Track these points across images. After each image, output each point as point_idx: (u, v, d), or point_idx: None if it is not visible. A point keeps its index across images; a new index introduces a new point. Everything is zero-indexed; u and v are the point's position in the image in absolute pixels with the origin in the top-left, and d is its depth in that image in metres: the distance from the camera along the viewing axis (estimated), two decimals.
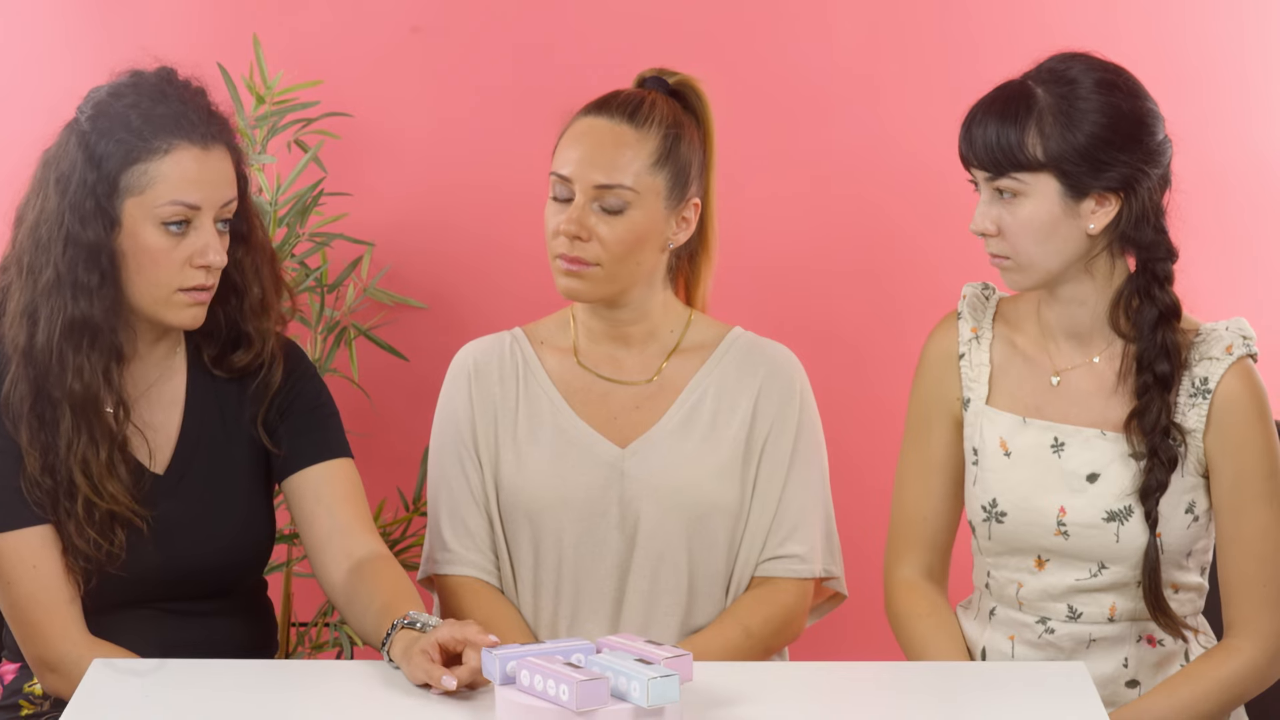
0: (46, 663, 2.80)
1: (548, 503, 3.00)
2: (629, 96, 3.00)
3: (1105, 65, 2.80)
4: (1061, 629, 2.87)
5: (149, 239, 2.76)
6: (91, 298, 2.76)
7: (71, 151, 2.77)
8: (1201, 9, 3.69)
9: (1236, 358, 2.80)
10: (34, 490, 2.78)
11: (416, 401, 3.59)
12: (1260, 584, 2.82)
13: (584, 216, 2.94)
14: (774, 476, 3.02)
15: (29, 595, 2.79)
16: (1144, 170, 2.76)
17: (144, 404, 2.87)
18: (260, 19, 3.68)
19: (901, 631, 2.96)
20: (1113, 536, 2.81)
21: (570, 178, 2.95)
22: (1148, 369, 2.80)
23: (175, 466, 2.87)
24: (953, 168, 3.75)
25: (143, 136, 2.75)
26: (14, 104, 3.69)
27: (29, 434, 2.78)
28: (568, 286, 2.98)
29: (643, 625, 3.00)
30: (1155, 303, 2.80)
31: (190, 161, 2.76)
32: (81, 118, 2.79)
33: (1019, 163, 2.75)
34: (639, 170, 2.95)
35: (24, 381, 2.78)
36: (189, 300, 2.79)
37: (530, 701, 2.43)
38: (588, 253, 2.95)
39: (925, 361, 2.98)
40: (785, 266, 3.75)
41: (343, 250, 3.68)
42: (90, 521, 2.77)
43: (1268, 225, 3.72)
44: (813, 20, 3.71)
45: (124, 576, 2.80)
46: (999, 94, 2.80)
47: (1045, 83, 2.77)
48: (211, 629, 2.89)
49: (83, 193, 2.75)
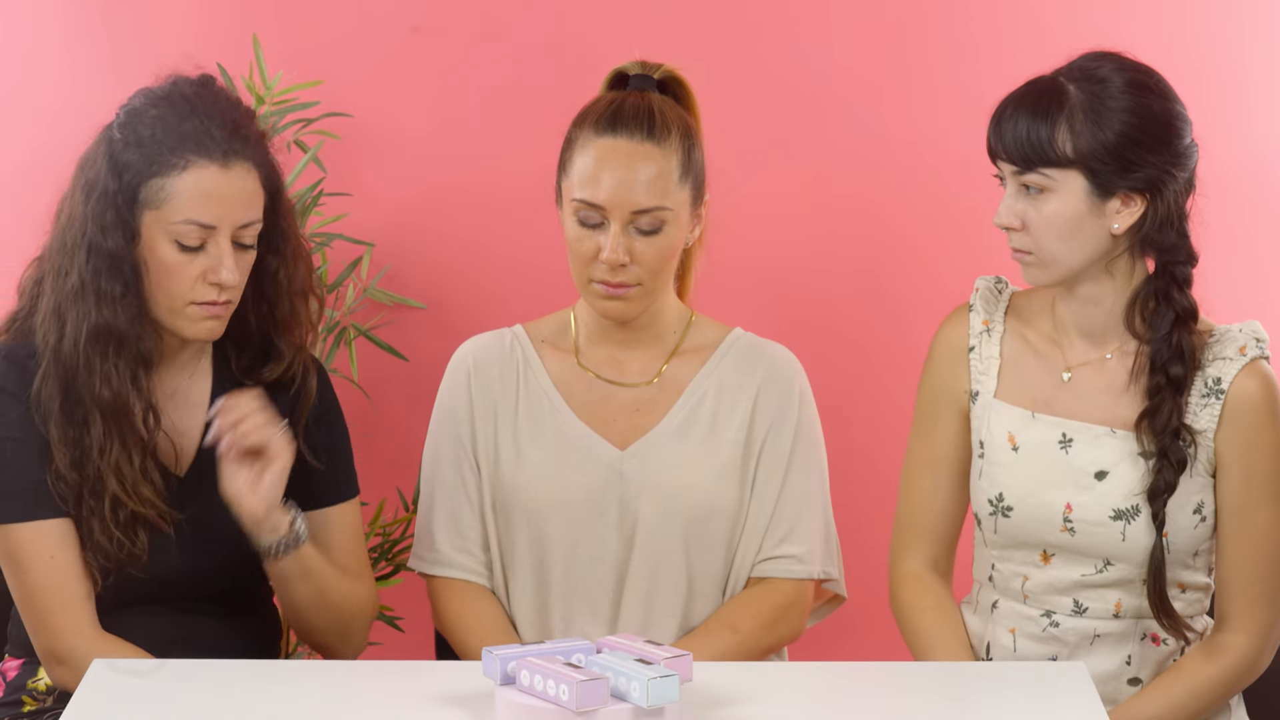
0: (56, 655, 2.81)
1: (546, 503, 3.00)
2: (637, 108, 2.95)
3: (1137, 66, 2.80)
4: (1066, 623, 2.87)
5: (164, 254, 2.76)
6: (115, 306, 2.76)
7: (99, 158, 2.78)
8: (1201, 9, 3.69)
9: (1250, 359, 2.81)
10: (59, 484, 2.79)
11: (416, 401, 3.59)
12: (1258, 580, 2.83)
13: (627, 242, 2.92)
14: (772, 477, 3.02)
15: (43, 586, 2.79)
16: (1170, 173, 2.76)
17: (170, 406, 2.88)
18: (260, 19, 3.68)
19: (906, 625, 2.96)
20: (1119, 535, 2.82)
21: (604, 205, 2.91)
22: (1161, 370, 2.80)
23: (196, 468, 2.88)
24: (953, 166, 3.75)
25: (163, 150, 2.75)
26: (14, 104, 3.69)
27: (59, 431, 2.78)
28: (609, 309, 2.96)
29: (641, 626, 3.00)
30: (1173, 305, 2.80)
31: (208, 180, 2.75)
32: (115, 123, 2.79)
33: (1048, 158, 2.75)
34: (669, 188, 2.93)
35: (55, 379, 2.79)
36: (203, 314, 2.79)
37: (530, 702, 2.43)
38: (629, 276, 2.93)
39: (935, 353, 2.97)
40: (785, 266, 3.75)
41: (342, 250, 3.68)
42: (115, 521, 2.78)
43: (1268, 226, 3.72)
44: (813, 19, 3.71)
45: (141, 575, 2.81)
46: (1030, 89, 2.80)
47: (1077, 80, 2.77)
48: (217, 631, 2.90)
49: (105, 202, 2.75)
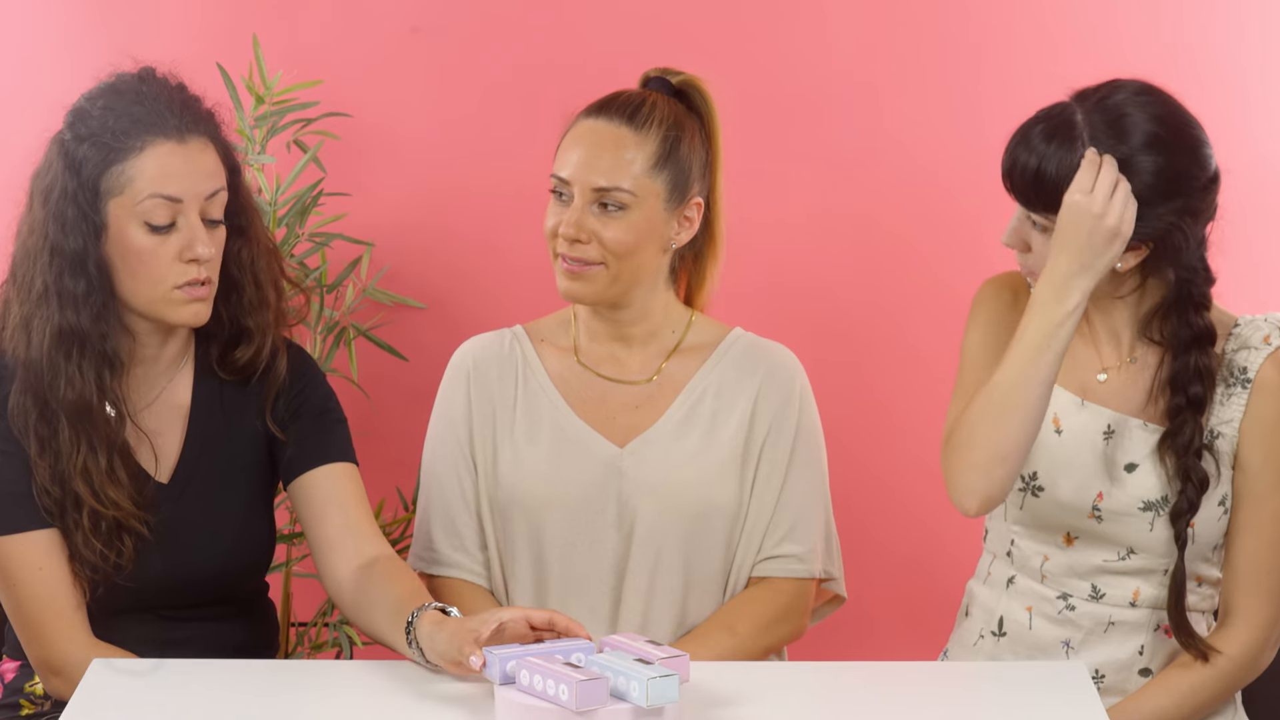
0: (50, 665, 2.80)
1: (544, 500, 3.00)
2: (629, 98, 3.00)
3: (1161, 116, 2.75)
4: (1083, 607, 2.88)
5: (135, 239, 2.76)
6: (78, 306, 2.75)
7: (54, 162, 2.78)
8: (1201, 9, 3.69)
9: (1275, 347, 2.83)
10: (43, 498, 2.78)
11: (416, 401, 3.59)
12: (1266, 570, 2.84)
13: (583, 219, 2.94)
14: (772, 477, 3.02)
15: (34, 598, 2.79)
16: (1179, 224, 2.75)
17: (150, 412, 2.87)
18: (260, 19, 3.68)
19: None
20: (1147, 525, 2.83)
21: (569, 179, 2.95)
22: (1181, 391, 2.81)
23: (180, 473, 2.87)
24: (952, 168, 3.75)
25: (117, 137, 2.75)
26: (14, 104, 3.69)
27: (38, 445, 2.78)
28: (568, 288, 2.98)
29: (640, 624, 3.00)
30: (1190, 326, 2.81)
31: (166, 155, 2.75)
32: (64, 128, 2.80)
33: (1053, 206, 2.74)
34: (638, 173, 2.95)
35: (28, 392, 2.78)
36: (187, 296, 2.78)
37: (530, 701, 2.43)
38: (588, 254, 2.95)
39: (994, 308, 2.91)
40: (785, 267, 3.75)
41: (342, 250, 3.68)
42: (96, 533, 2.77)
43: (1269, 227, 3.72)
44: (812, 22, 3.71)
45: (129, 584, 2.80)
46: (1048, 124, 2.76)
47: (1096, 126, 2.73)
48: (214, 633, 2.90)
49: (64, 202, 2.75)
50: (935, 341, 3.65)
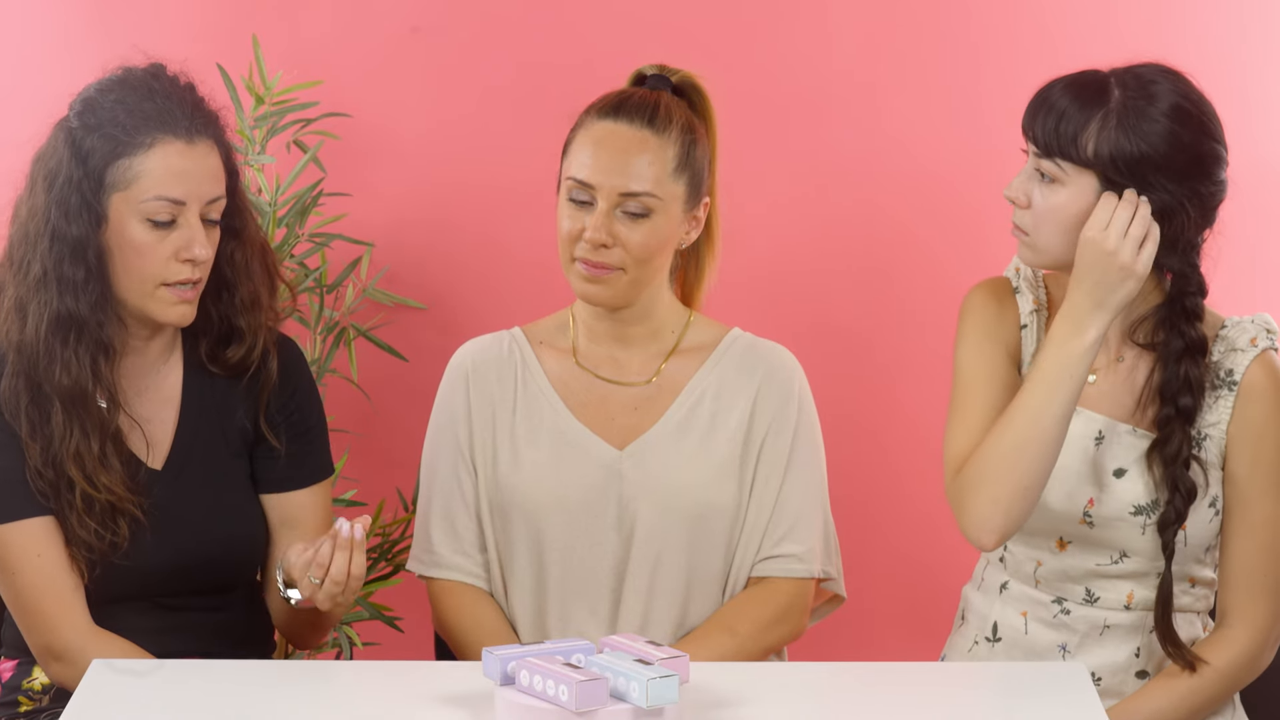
0: (52, 651, 2.81)
1: (544, 503, 3.00)
2: (644, 100, 2.98)
3: (1193, 96, 2.78)
4: (1078, 611, 2.88)
5: (134, 234, 2.77)
6: (77, 293, 2.77)
7: (59, 148, 2.79)
8: (1201, 9, 3.69)
9: (1261, 349, 2.83)
10: (37, 481, 2.80)
11: (415, 402, 3.59)
12: (1261, 573, 2.84)
13: (610, 224, 2.93)
14: (771, 477, 3.02)
15: (33, 584, 2.80)
16: (1184, 206, 2.76)
17: (141, 400, 2.88)
18: (260, 19, 3.68)
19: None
20: (1139, 529, 2.83)
21: (592, 184, 2.93)
22: (1170, 402, 2.81)
23: (173, 461, 2.88)
24: (952, 167, 3.75)
25: (127, 131, 2.76)
26: (14, 104, 3.69)
27: (29, 427, 2.79)
28: (588, 291, 2.97)
29: (640, 625, 3.00)
30: (1183, 336, 2.81)
31: (174, 156, 2.77)
32: (71, 115, 2.80)
33: (1067, 152, 2.75)
34: (661, 177, 2.94)
35: (20, 375, 2.79)
36: (174, 297, 2.80)
37: (530, 702, 2.43)
38: (611, 258, 2.94)
39: (978, 317, 2.92)
40: (785, 267, 3.75)
41: (342, 251, 3.68)
42: (90, 513, 2.79)
43: (1270, 227, 3.72)
44: (812, 21, 3.71)
45: (126, 566, 2.82)
46: (1078, 79, 2.79)
47: (1125, 85, 2.77)
48: (211, 623, 2.91)
49: (68, 189, 2.76)
50: (935, 341, 3.65)
